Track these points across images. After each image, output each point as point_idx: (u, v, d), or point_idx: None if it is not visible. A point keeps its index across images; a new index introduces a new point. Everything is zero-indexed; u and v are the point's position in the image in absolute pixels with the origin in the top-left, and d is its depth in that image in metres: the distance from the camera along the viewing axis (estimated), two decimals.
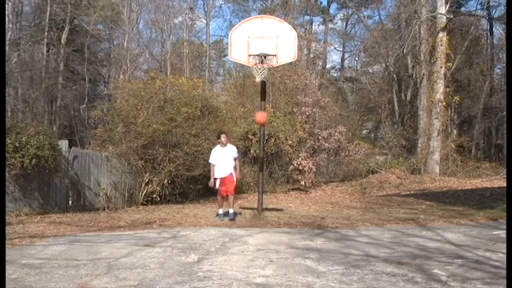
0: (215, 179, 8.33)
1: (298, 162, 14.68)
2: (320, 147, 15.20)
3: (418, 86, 19.27)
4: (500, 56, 26.13)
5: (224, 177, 8.27)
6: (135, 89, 12.39)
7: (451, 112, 23.95)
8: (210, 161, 8.41)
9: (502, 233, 6.48)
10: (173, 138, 11.53)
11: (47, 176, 9.70)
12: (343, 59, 34.78)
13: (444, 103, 18.20)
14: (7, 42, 20.96)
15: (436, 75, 17.61)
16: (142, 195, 11.30)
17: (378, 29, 25.57)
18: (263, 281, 4.21)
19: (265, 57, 8.44)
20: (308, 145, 15.26)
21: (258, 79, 8.58)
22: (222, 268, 4.71)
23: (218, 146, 8.43)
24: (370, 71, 29.57)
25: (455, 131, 25.30)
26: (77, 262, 4.94)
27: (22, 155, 8.93)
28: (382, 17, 29.25)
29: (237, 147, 14.61)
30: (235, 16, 31.85)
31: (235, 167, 8.43)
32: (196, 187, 12.34)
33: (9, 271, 4.46)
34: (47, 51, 26.01)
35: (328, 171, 19.34)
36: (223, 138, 8.38)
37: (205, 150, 11.47)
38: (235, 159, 8.46)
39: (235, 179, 8.40)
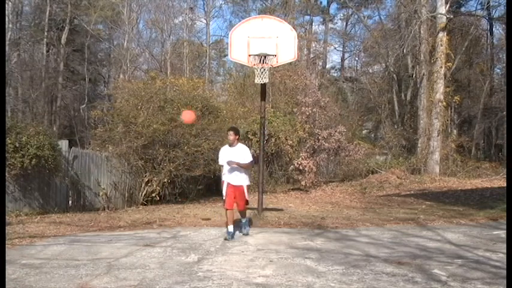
0: (222, 181, 6.80)
1: (299, 162, 14.68)
2: (320, 147, 15.20)
3: (418, 86, 19.27)
4: (500, 56, 26.13)
5: (233, 186, 6.68)
6: (135, 89, 12.39)
7: (451, 112, 23.95)
8: (220, 162, 6.90)
9: (502, 233, 6.48)
10: (173, 138, 11.54)
11: (47, 176, 9.70)
12: (343, 59, 34.81)
13: (444, 103, 18.20)
14: (7, 42, 20.96)
15: (436, 75, 17.60)
16: (142, 195, 11.30)
17: (378, 29, 25.56)
18: (263, 281, 4.21)
19: (265, 57, 8.44)
20: (308, 145, 15.26)
21: (257, 80, 8.57)
22: (222, 268, 4.71)
23: (226, 145, 6.98)
24: (370, 71, 29.56)
25: (455, 131, 25.29)
26: (77, 262, 4.95)
27: (22, 155, 8.93)
28: (382, 17, 29.29)
29: None
30: (235, 16, 31.87)
31: (246, 176, 6.82)
32: (196, 187, 12.35)
33: (9, 271, 4.46)
34: (47, 51, 26.00)
35: (328, 171, 19.34)
36: (230, 135, 6.88)
37: (205, 151, 11.48)
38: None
39: (246, 193, 6.76)
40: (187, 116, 7.81)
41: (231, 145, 6.85)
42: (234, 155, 6.74)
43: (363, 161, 17.41)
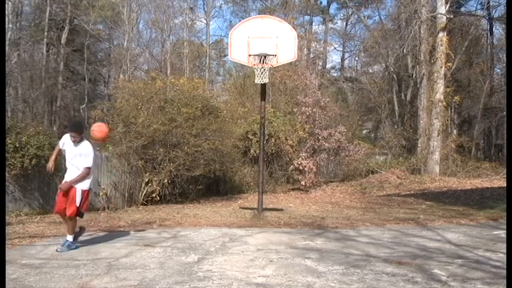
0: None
1: (299, 162, 14.69)
2: (320, 147, 15.21)
3: (418, 86, 19.27)
4: (500, 56, 26.14)
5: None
6: (135, 89, 12.38)
7: (451, 112, 23.95)
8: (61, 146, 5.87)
9: (502, 233, 6.48)
10: (173, 139, 11.53)
11: (47, 176, 9.66)
12: (343, 59, 34.80)
13: (444, 103, 18.19)
14: (7, 42, 20.95)
15: (436, 75, 17.61)
16: (143, 195, 11.29)
17: (378, 29, 25.57)
18: (263, 281, 4.21)
19: (265, 57, 8.45)
20: (308, 145, 15.27)
21: (257, 80, 8.58)
22: (222, 268, 4.71)
23: (68, 135, 5.82)
24: (370, 71, 29.59)
25: (455, 131, 25.29)
26: (77, 262, 4.94)
27: (22, 155, 8.92)
28: (382, 17, 29.27)
29: (237, 147, 14.87)
30: (235, 16, 31.88)
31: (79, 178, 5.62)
32: (196, 187, 12.35)
33: (9, 271, 4.46)
34: (47, 51, 25.99)
35: (328, 171, 19.35)
36: (73, 136, 5.73)
37: (205, 151, 11.49)
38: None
39: (77, 198, 5.58)
40: (98, 130, 5.96)
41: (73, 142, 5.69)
42: (74, 153, 5.69)
43: (363, 161, 17.41)
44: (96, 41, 28.97)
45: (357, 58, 33.22)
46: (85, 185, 5.66)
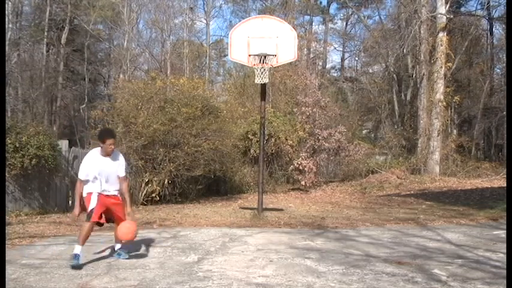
0: (89, 193, 4.99)
1: (299, 162, 14.69)
2: (320, 147, 15.21)
3: (418, 86, 19.26)
4: (500, 56, 26.13)
5: (107, 196, 5.03)
6: (135, 89, 12.38)
7: (451, 112, 23.93)
8: (84, 177, 5.03)
9: (502, 233, 6.48)
10: (173, 139, 11.53)
11: (47, 176, 9.69)
12: (343, 59, 34.76)
13: (444, 103, 18.18)
14: (7, 42, 20.94)
15: (436, 75, 17.60)
16: (142, 195, 11.30)
17: (378, 29, 25.54)
18: (263, 281, 4.21)
19: (265, 57, 8.46)
20: (308, 145, 15.27)
21: (257, 80, 8.59)
22: (222, 268, 4.71)
23: (96, 153, 5.15)
24: (370, 71, 29.56)
25: (455, 131, 25.28)
26: None
27: (22, 155, 8.93)
28: (382, 17, 29.23)
29: (237, 147, 14.87)
30: (235, 16, 31.85)
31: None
32: (196, 187, 12.35)
33: (9, 271, 4.46)
34: (47, 51, 25.98)
35: (328, 171, 19.34)
36: (110, 144, 5.04)
37: (205, 151, 11.49)
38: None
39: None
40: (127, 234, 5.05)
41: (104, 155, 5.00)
42: (113, 164, 5.06)
43: (363, 161, 17.40)
44: (96, 41, 28.97)
45: (357, 58, 33.24)
46: None
